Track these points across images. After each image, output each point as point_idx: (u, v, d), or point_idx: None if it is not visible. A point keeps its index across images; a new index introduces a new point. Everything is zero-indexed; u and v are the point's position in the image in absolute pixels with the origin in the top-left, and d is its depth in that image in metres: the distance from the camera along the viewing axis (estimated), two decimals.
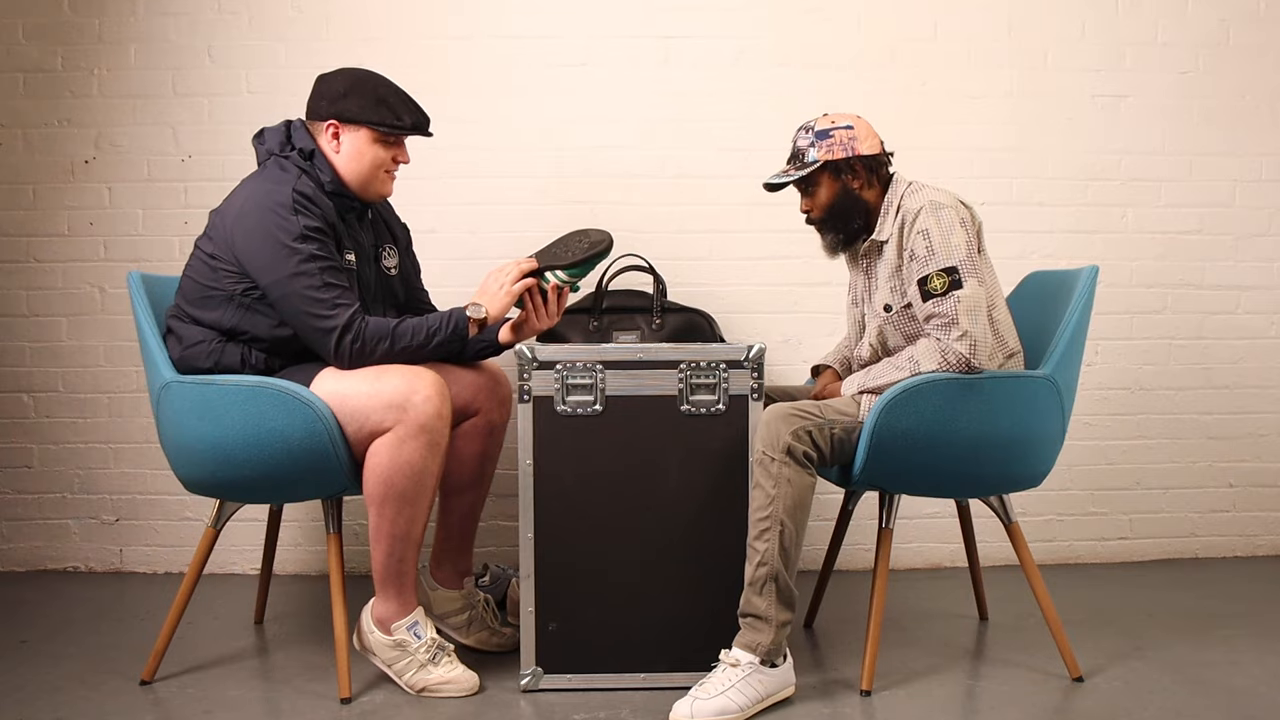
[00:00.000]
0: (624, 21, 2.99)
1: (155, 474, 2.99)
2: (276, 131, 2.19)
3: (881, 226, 2.20)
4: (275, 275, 2.03)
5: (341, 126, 2.15)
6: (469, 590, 2.35)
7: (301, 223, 2.03)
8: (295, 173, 2.11)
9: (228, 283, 2.08)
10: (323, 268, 2.04)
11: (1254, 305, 3.14)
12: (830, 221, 2.23)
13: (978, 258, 2.11)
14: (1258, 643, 2.41)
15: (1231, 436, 3.15)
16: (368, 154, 2.16)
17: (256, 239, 2.04)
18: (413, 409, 2.00)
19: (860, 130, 2.19)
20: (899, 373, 2.09)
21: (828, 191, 2.21)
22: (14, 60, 2.94)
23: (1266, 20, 3.09)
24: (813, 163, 2.18)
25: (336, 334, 2.03)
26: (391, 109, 2.16)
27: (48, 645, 2.40)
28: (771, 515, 2.00)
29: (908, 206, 2.15)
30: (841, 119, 2.21)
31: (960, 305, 2.05)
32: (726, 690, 1.98)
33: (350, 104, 2.14)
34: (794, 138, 2.24)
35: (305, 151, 2.14)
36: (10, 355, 3.00)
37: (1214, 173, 3.10)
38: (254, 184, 2.11)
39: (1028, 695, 2.11)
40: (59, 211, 2.97)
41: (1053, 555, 3.11)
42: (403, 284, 2.37)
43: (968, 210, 2.16)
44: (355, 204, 2.21)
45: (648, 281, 2.65)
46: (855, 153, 2.18)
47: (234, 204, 2.10)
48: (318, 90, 2.19)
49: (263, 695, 2.13)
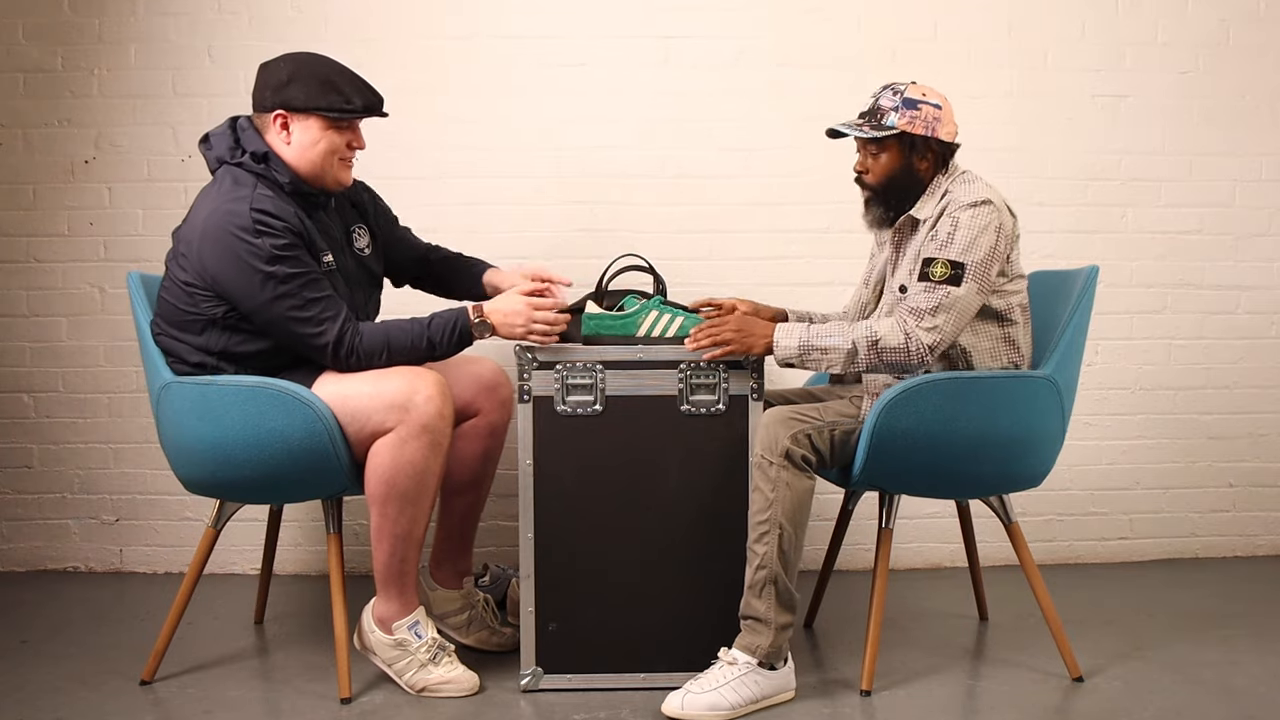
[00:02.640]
0: (623, 21, 2.99)
1: (155, 474, 2.98)
2: (223, 135, 2.11)
3: (923, 205, 2.14)
4: (255, 302, 2.00)
5: (290, 116, 2.05)
6: (468, 590, 2.35)
7: (268, 244, 1.97)
8: (250, 184, 2.03)
9: (207, 307, 2.04)
10: (301, 285, 2.00)
11: (1254, 305, 3.13)
12: (883, 194, 2.16)
13: (994, 266, 2.06)
14: (1258, 643, 2.41)
15: (1231, 436, 3.15)
16: (321, 142, 2.07)
17: (228, 267, 1.99)
18: (415, 409, 1.99)
19: (946, 114, 2.13)
20: (848, 340, 2.03)
21: (891, 161, 2.13)
22: (14, 60, 2.94)
23: (1266, 20, 3.09)
24: (890, 128, 2.10)
25: (330, 349, 2.03)
26: (340, 92, 2.06)
27: (48, 645, 2.40)
28: (770, 519, 2.00)
29: (955, 194, 2.09)
30: (932, 94, 2.13)
31: (947, 300, 2.02)
32: (720, 687, 1.98)
33: (295, 91, 2.04)
34: (876, 93, 2.15)
35: (257, 155, 2.06)
36: (10, 355, 2.99)
37: (1214, 173, 3.10)
38: (211, 202, 2.03)
39: (1028, 695, 2.11)
40: (59, 211, 2.97)
41: (1053, 555, 3.11)
42: (378, 258, 2.32)
43: (1011, 218, 2.11)
44: (319, 197, 2.14)
45: (648, 281, 2.65)
46: (934, 134, 2.11)
47: (195, 225, 2.03)
48: (261, 80, 2.09)
49: (263, 695, 2.13)
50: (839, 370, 2.07)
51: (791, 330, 2.09)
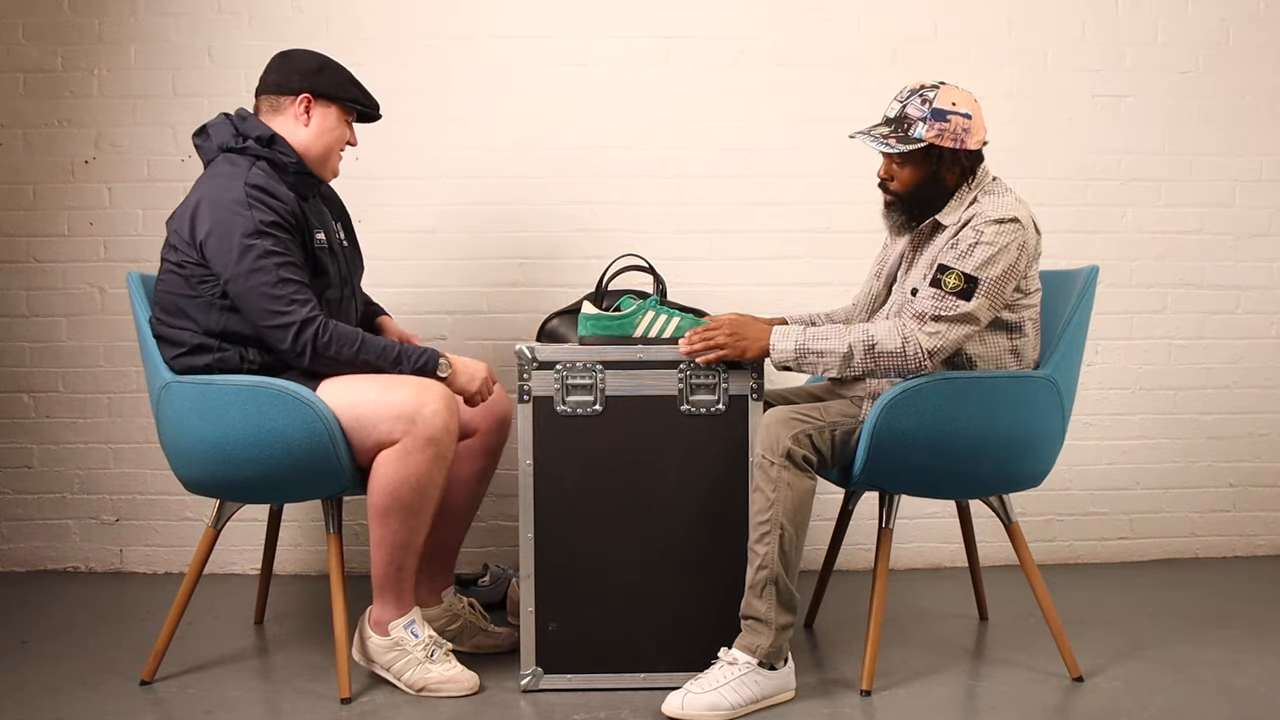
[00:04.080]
0: (623, 21, 2.99)
1: (155, 474, 2.98)
2: (221, 125, 2.16)
3: (950, 212, 2.10)
4: (233, 272, 2.01)
5: (314, 101, 2.16)
6: (449, 603, 2.33)
7: (257, 218, 2.01)
8: (246, 165, 2.08)
9: (204, 289, 2.06)
10: (279, 264, 2.01)
11: (1254, 305, 3.14)
12: (908, 204, 2.11)
13: (1009, 284, 2.03)
14: (1258, 643, 2.41)
15: (1231, 436, 3.15)
16: (335, 131, 2.19)
17: (215, 238, 2.02)
18: (421, 421, 1.99)
19: (976, 122, 2.06)
20: (844, 345, 2.02)
21: (917, 172, 2.08)
22: (14, 60, 2.94)
23: (1266, 20, 3.09)
24: (918, 140, 2.04)
25: (294, 329, 2.00)
26: (359, 89, 2.22)
27: (48, 645, 2.40)
28: (771, 519, 2.00)
29: (984, 206, 2.05)
30: (962, 102, 2.06)
31: (954, 312, 2.02)
32: (720, 687, 1.98)
33: (325, 80, 2.17)
34: (903, 98, 2.08)
35: (263, 139, 2.12)
36: (10, 355, 2.99)
37: (1214, 173, 3.10)
38: (206, 184, 2.08)
39: (1028, 695, 2.11)
40: (59, 211, 2.97)
41: (1053, 555, 3.11)
42: (355, 252, 2.36)
43: (1036, 235, 2.08)
44: (314, 182, 2.21)
45: (648, 281, 2.65)
46: (964, 146, 2.06)
47: (188, 208, 2.07)
48: (284, 65, 2.18)
49: (263, 695, 2.13)
50: (835, 374, 2.06)
51: (788, 333, 2.07)
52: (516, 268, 3.00)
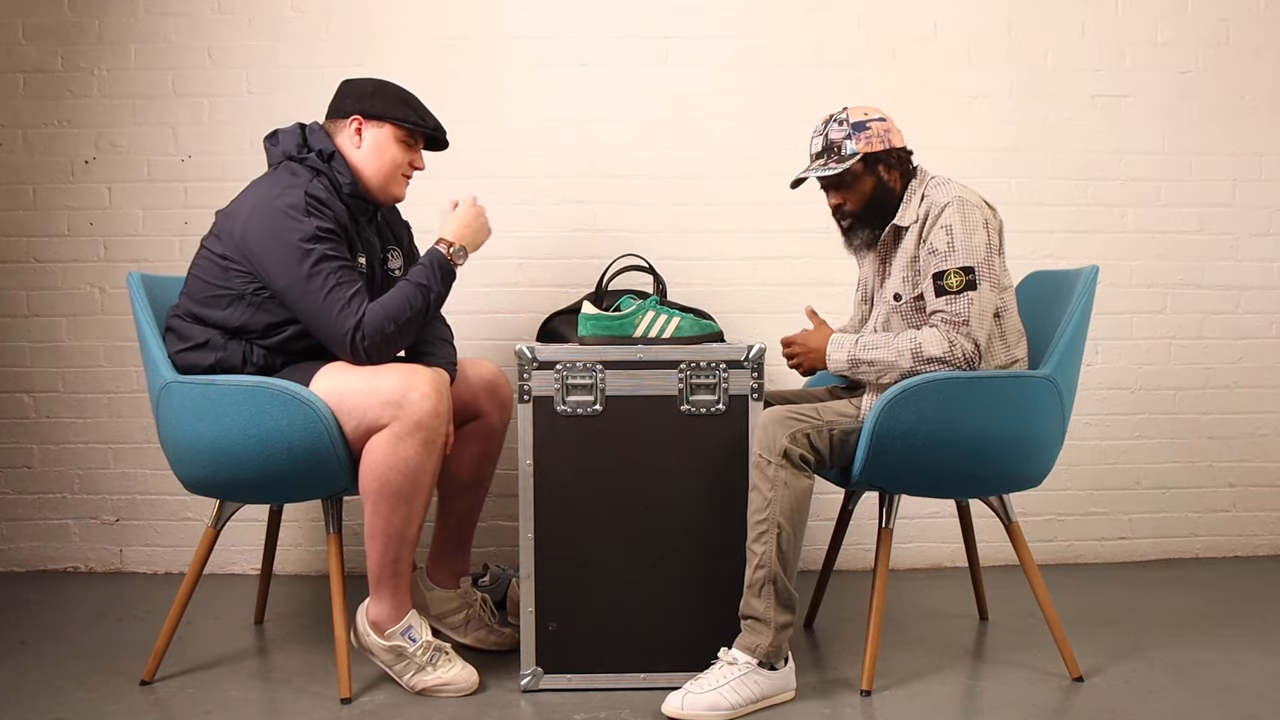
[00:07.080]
0: (623, 21, 2.99)
1: (155, 474, 2.99)
2: (291, 133, 2.20)
3: (904, 213, 2.16)
4: (289, 278, 2.03)
5: (365, 122, 2.18)
6: (465, 590, 2.35)
7: (314, 224, 2.04)
8: (307, 176, 2.12)
9: (239, 282, 2.09)
10: (336, 268, 2.04)
11: (1254, 305, 3.14)
12: (866, 216, 2.19)
13: (995, 260, 2.10)
14: (1258, 643, 2.41)
15: (1231, 436, 3.15)
16: (388, 151, 2.19)
17: (269, 242, 2.04)
18: (409, 405, 2.00)
19: (891, 123, 2.18)
20: (894, 353, 2.07)
21: (865, 184, 2.17)
22: (14, 60, 2.94)
23: (1266, 20, 3.09)
24: (852, 155, 2.14)
25: (351, 333, 2.03)
26: (415, 109, 2.22)
27: (48, 645, 2.40)
28: (769, 518, 2.00)
29: (934, 198, 2.12)
30: (871, 111, 2.18)
31: (973, 306, 2.05)
32: (720, 687, 1.98)
33: (376, 101, 2.19)
34: (822, 130, 2.18)
35: (324, 154, 2.16)
36: (10, 355, 3.00)
37: (1214, 173, 3.10)
38: (265, 187, 2.11)
39: (1028, 695, 2.11)
40: (59, 211, 2.97)
41: (1053, 555, 3.11)
42: None
43: (991, 211, 2.14)
44: (369, 206, 2.23)
45: (648, 281, 2.65)
46: (891, 144, 2.16)
47: (244, 205, 2.10)
48: (344, 90, 2.23)
49: (263, 695, 2.13)
50: (888, 380, 2.09)
51: (841, 343, 2.15)
52: (516, 268, 3.00)
